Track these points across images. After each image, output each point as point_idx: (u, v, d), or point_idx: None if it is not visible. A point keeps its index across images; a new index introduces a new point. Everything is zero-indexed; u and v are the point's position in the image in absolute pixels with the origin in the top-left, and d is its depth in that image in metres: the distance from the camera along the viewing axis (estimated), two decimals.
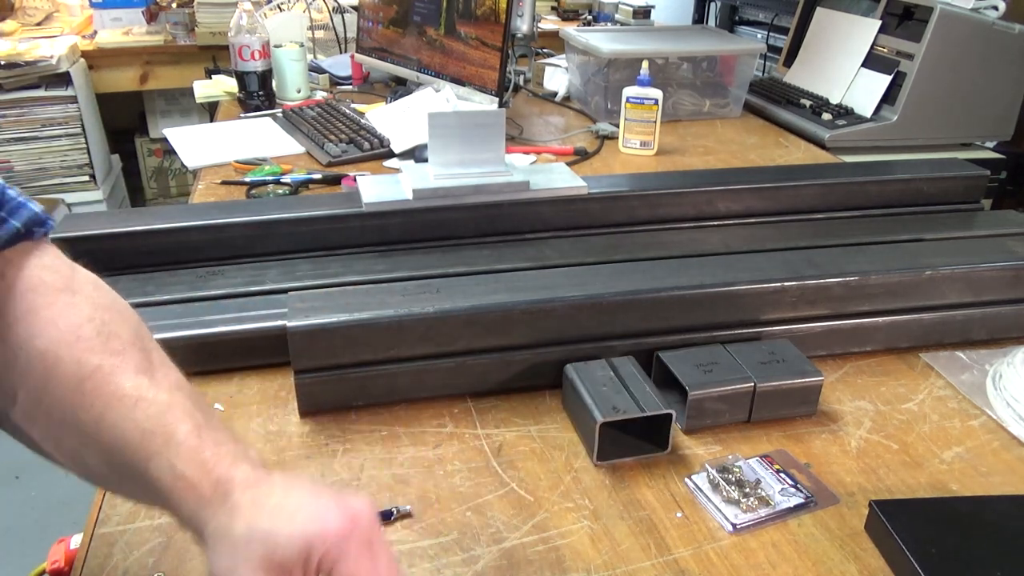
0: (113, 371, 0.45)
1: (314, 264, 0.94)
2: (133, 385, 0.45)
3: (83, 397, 0.44)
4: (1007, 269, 0.90)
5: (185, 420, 0.44)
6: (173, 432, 0.43)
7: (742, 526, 0.64)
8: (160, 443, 0.43)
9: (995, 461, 0.73)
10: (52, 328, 0.46)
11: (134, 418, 0.44)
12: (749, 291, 0.83)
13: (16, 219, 0.47)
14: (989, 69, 1.58)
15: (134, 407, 0.44)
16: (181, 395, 0.46)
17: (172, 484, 0.42)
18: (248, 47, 1.66)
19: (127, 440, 0.43)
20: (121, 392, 0.44)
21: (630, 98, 1.48)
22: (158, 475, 0.43)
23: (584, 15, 2.83)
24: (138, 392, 0.45)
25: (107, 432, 0.44)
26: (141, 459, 0.43)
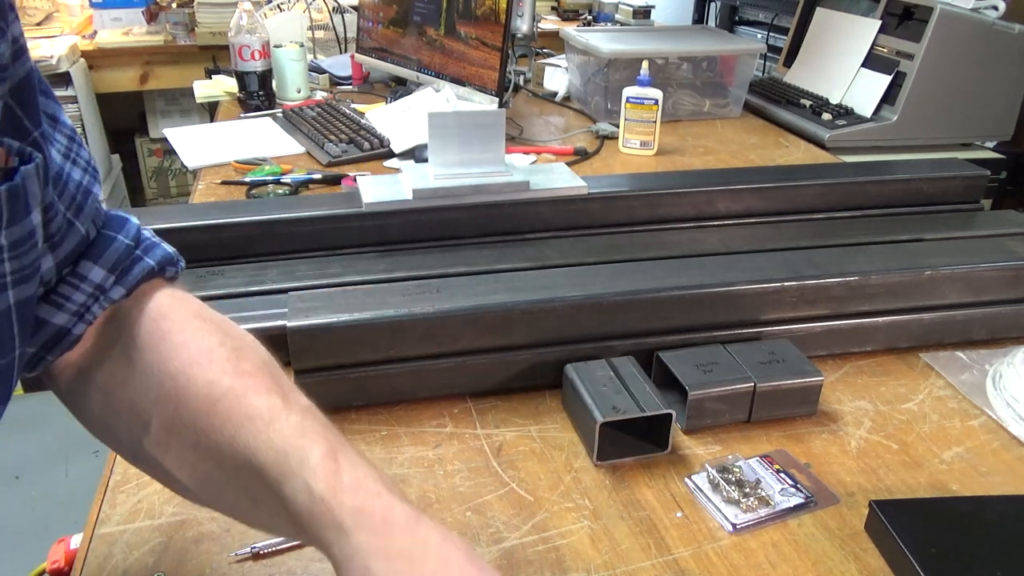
0: (246, 392, 0.44)
1: (314, 264, 0.94)
2: (266, 406, 0.44)
3: (215, 419, 0.44)
4: (1007, 269, 0.90)
5: (320, 442, 0.43)
6: (309, 450, 0.42)
7: (742, 526, 0.64)
8: (296, 464, 0.42)
9: (995, 461, 0.73)
10: (184, 351, 0.46)
11: (268, 438, 0.43)
12: (749, 291, 0.83)
13: (151, 257, 0.49)
14: (989, 69, 1.58)
15: (268, 427, 0.43)
16: (313, 417, 0.45)
17: (309, 507, 0.41)
18: (248, 47, 1.66)
19: (261, 461, 0.42)
20: (254, 412, 0.44)
21: (630, 98, 1.48)
22: (293, 496, 0.41)
23: (584, 15, 2.83)
24: (271, 413, 0.44)
25: (240, 452, 0.43)
26: (275, 479, 0.42)
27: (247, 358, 0.47)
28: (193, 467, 0.45)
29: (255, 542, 0.61)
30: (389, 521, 0.40)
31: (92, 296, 0.47)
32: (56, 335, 0.46)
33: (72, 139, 0.46)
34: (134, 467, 0.50)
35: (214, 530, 0.63)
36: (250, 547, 0.61)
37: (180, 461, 0.46)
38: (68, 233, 0.45)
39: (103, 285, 0.47)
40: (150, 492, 0.67)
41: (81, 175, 0.46)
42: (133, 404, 0.46)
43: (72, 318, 0.46)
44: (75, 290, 0.46)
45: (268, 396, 0.44)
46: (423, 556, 0.40)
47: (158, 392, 0.46)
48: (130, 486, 0.68)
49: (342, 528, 0.40)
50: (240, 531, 0.63)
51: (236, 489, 0.45)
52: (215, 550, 0.61)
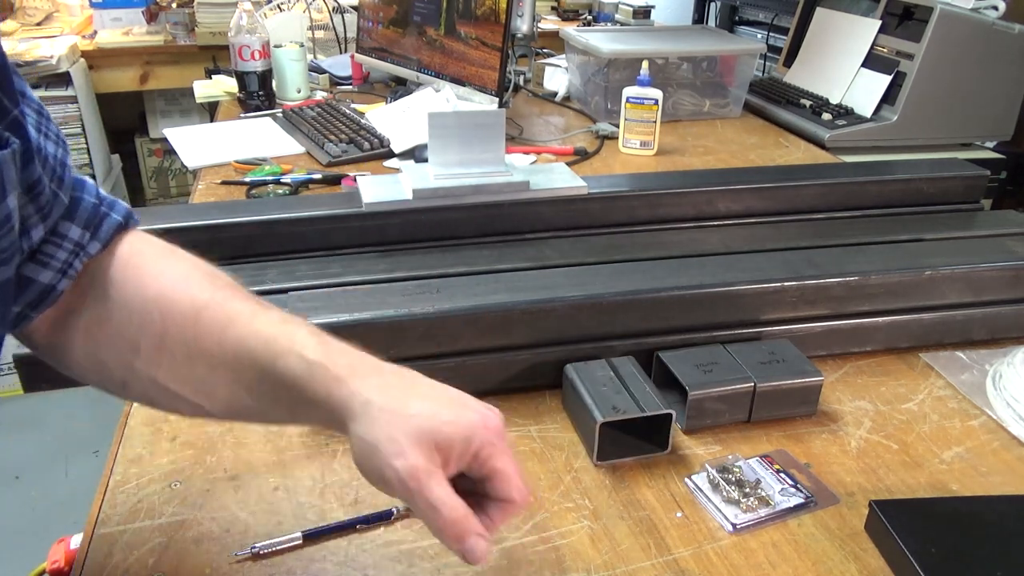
0: (225, 300, 0.50)
1: (314, 264, 0.94)
2: (245, 307, 0.50)
3: (202, 326, 0.49)
4: (1007, 269, 0.90)
5: (302, 325, 0.49)
6: (295, 331, 0.48)
7: (742, 526, 0.64)
8: (286, 342, 0.47)
9: (995, 461, 0.73)
10: (162, 277, 0.51)
11: (254, 328, 0.48)
12: (749, 291, 0.83)
13: (116, 212, 0.53)
14: (989, 69, 1.58)
15: (252, 319, 0.49)
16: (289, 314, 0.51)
17: (307, 371, 0.46)
18: (248, 47, 1.66)
19: (252, 347, 0.48)
20: (236, 311, 0.49)
21: (630, 98, 1.48)
22: (289, 368, 0.47)
23: (584, 15, 2.83)
24: (252, 311, 0.50)
25: (231, 347, 0.48)
26: (270, 360, 0.47)
27: (221, 277, 0.52)
28: (185, 375, 0.50)
29: (255, 542, 0.61)
30: (379, 367, 0.48)
31: (73, 252, 0.50)
32: (42, 292, 0.49)
33: (40, 113, 0.48)
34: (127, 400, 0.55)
35: (214, 530, 0.63)
36: (250, 547, 0.61)
37: (172, 373, 0.50)
38: (55, 204, 0.49)
39: (81, 241, 0.50)
40: (150, 492, 0.67)
41: (55, 148, 0.49)
42: (119, 335, 0.50)
43: (57, 275, 0.49)
44: (58, 248, 0.49)
45: (246, 301, 0.50)
46: (413, 381, 0.48)
47: (143, 317, 0.50)
48: (130, 486, 0.68)
49: (340, 379, 0.46)
50: (240, 531, 0.63)
51: (230, 384, 0.49)
52: (215, 550, 0.61)
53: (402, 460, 0.43)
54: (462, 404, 0.47)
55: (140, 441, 0.73)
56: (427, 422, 0.44)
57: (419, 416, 0.44)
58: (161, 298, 0.50)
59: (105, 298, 0.51)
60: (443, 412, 0.45)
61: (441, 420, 0.45)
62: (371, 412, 0.45)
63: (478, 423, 0.46)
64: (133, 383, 0.51)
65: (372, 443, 0.44)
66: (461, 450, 0.45)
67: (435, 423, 0.44)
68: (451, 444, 0.44)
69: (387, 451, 0.43)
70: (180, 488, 0.68)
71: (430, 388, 0.48)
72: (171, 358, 0.49)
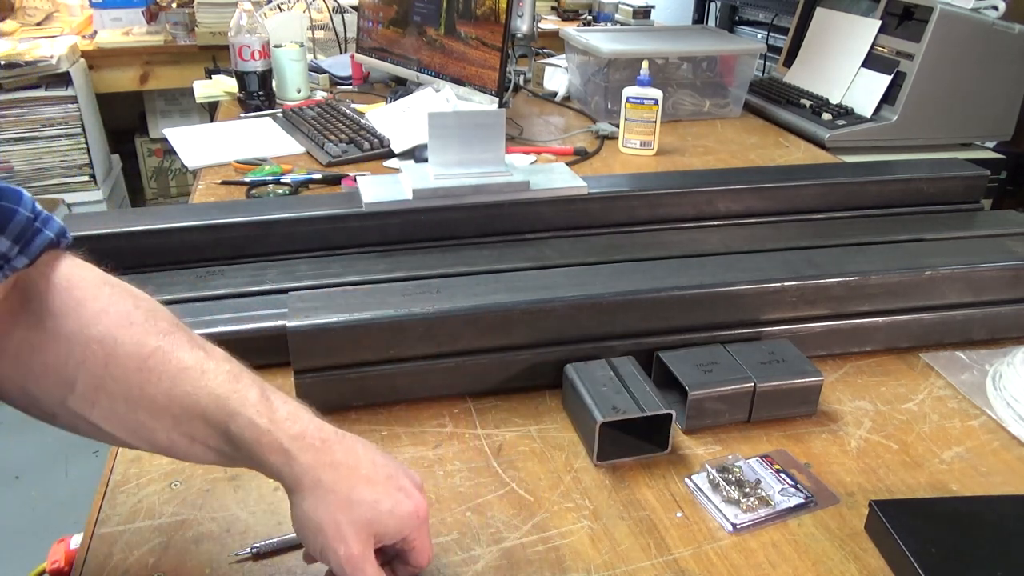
0: (172, 348, 0.50)
1: (314, 264, 0.94)
2: (193, 358, 0.50)
3: (149, 373, 0.49)
4: (1007, 269, 0.90)
5: (253, 386, 0.51)
6: (246, 394, 0.50)
7: (742, 526, 0.64)
8: (236, 405, 0.49)
9: (995, 461, 0.73)
10: (104, 316, 0.50)
11: (205, 385, 0.49)
12: (749, 291, 0.83)
13: (49, 229, 0.51)
14: (989, 69, 1.58)
15: (202, 376, 0.50)
16: (234, 363, 0.52)
17: (256, 439, 0.49)
18: (248, 47, 1.66)
19: (202, 406, 0.49)
20: (185, 365, 0.50)
21: (630, 98, 1.48)
22: (240, 433, 0.49)
23: (584, 15, 2.83)
24: (200, 364, 0.50)
25: (179, 401, 0.49)
26: (220, 421, 0.49)
27: (161, 318, 0.52)
28: (123, 418, 0.50)
29: (255, 542, 0.61)
30: (325, 439, 0.51)
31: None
32: None
33: None
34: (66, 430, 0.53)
35: (214, 530, 0.63)
36: (250, 547, 0.61)
37: (109, 414, 0.50)
38: None
39: (7, 255, 0.49)
40: (150, 492, 0.67)
41: None
42: (54, 368, 0.50)
43: None
44: None
45: (192, 350, 0.51)
46: (356, 459, 0.52)
47: (83, 355, 0.49)
48: (130, 486, 0.68)
49: (288, 452, 0.50)
50: (240, 531, 0.63)
51: (170, 431, 0.50)
52: (215, 550, 0.61)
53: (344, 547, 0.49)
54: (401, 490, 0.52)
55: None
56: (369, 512, 0.50)
57: (362, 505, 0.50)
58: (105, 339, 0.49)
59: (39, 326, 0.50)
60: (384, 502, 0.51)
61: (381, 511, 0.51)
62: (319, 493, 0.50)
63: (412, 514, 0.52)
64: (63, 415, 0.51)
65: (317, 523, 0.50)
66: (393, 535, 0.52)
67: (376, 514, 0.51)
68: (386, 532, 0.51)
69: (331, 535, 0.50)
70: (180, 488, 0.68)
71: (372, 467, 0.52)
72: (110, 400, 0.50)
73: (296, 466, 0.50)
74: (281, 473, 0.50)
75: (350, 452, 0.52)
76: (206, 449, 0.51)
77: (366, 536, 0.50)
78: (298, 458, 0.50)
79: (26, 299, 0.50)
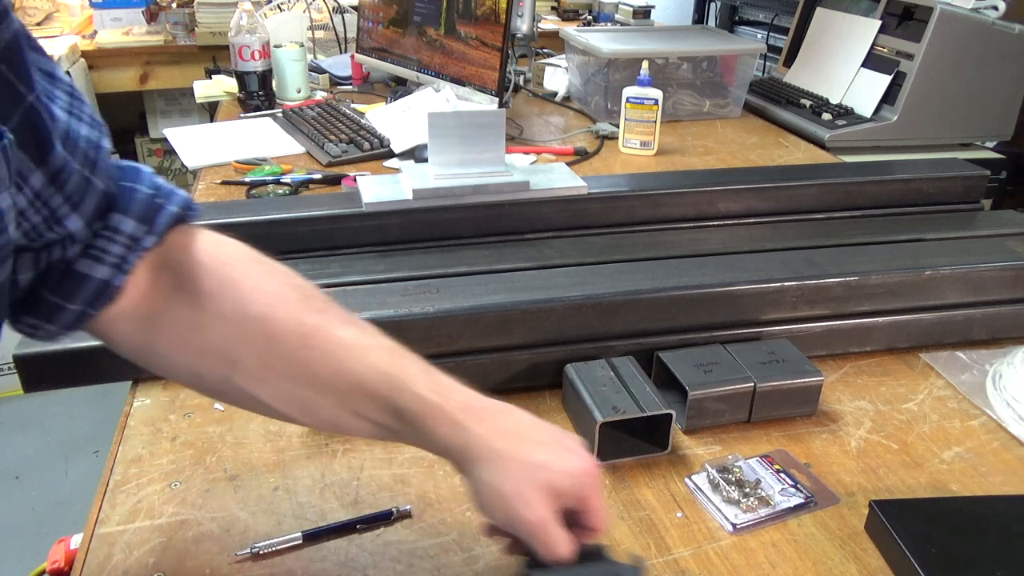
0: (330, 326, 0.51)
1: (314, 264, 0.94)
2: (352, 335, 0.51)
3: (312, 351, 0.50)
4: (1007, 269, 0.90)
5: (413, 360, 0.52)
6: (410, 370, 0.51)
7: (742, 526, 0.64)
8: (402, 379, 0.50)
9: (995, 461, 0.73)
10: (260, 294, 0.51)
11: (370, 363, 0.50)
12: (749, 291, 0.83)
13: (173, 204, 0.51)
14: (989, 69, 1.58)
15: (365, 352, 0.51)
16: (389, 340, 0.53)
17: (426, 412, 0.50)
18: (248, 47, 1.66)
19: (369, 381, 0.50)
20: (347, 343, 0.51)
21: (630, 98, 1.48)
22: (407, 407, 0.50)
23: (584, 15, 2.82)
24: (360, 340, 0.51)
25: (345, 378, 0.50)
26: (387, 396, 0.50)
27: (313, 295, 0.53)
28: (289, 394, 0.51)
29: (255, 542, 0.61)
30: (489, 409, 0.52)
31: (127, 247, 0.49)
32: (98, 289, 0.48)
33: (72, 95, 0.47)
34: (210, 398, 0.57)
35: (214, 530, 0.63)
36: (250, 547, 0.61)
37: (276, 391, 0.51)
38: (88, 190, 0.47)
39: (135, 235, 0.49)
40: (150, 492, 0.67)
41: (88, 130, 0.47)
42: (216, 347, 0.51)
43: (112, 270, 0.48)
44: (111, 243, 0.48)
45: (348, 327, 0.52)
46: (520, 424, 0.52)
47: (244, 334, 0.50)
48: (130, 486, 0.68)
49: (459, 423, 0.50)
50: (240, 531, 0.63)
51: (335, 408, 0.51)
52: (215, 550, 0.61)
53: (530, 511, 0.49)
54: (568, 449, 0.52)
55: (140, 441, 0.73)
56: (547, 474, 0.50)
57: (540, 467, 0.50)
58: (266, 319, 0.50)
59: (198, 307, 0.50)
60: (558, 461, 0.50)
61: (558, 470, 0.50)
62: (496, 461, 0.50)
63: (585, 471, 0.51)
64: (229, 392, 0.52)
65: (500, 491, 0.49)
66: (571, 495, 0.50)
67: (554, 474, 0.50)
68: (565, 491, 0.50)
69: (516, 501, 0.49)
70: (180, 488, 0.68)
71: (538, 431, 0.52)
72: (275, 377, 0.50)
73: (470, 437, 0.50)
74: (452, 446, 0.50)
75: (514, 419, 0.52)
76: (371, 424, 0.51)
77: (548, 498, 0.49)
78: (470, 429, 0.50)
79: (177, 279, 0.51)
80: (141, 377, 0.81)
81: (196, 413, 0.77)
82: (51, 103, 0.44)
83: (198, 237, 0.53)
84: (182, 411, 0.77)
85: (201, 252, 0.52)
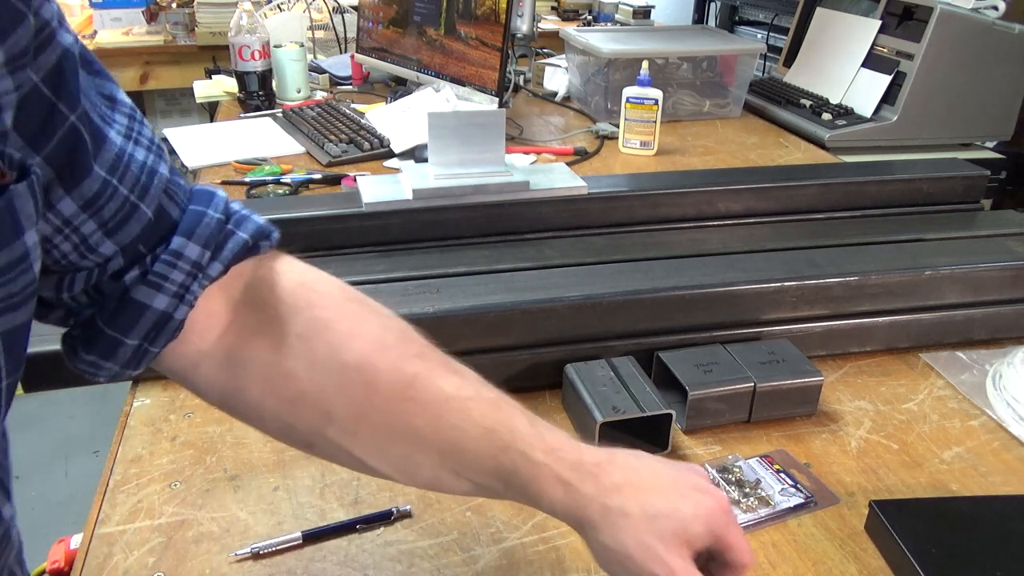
0: (431, 375, 0.47)
1: (314, 264, 0.94)
2: (454, 386, 0.47)
3: (412, 404, 0.46)
4: (1007, 269, 0.90)
5: (517, 414, 0.47)
6: (514, 426, 0.46)
7: (742, 526, 0.64)
8: (507, 437, 0.46)
9: (995, 461, 0.73)
10: (358, 341, 0.47)
11: (472, 418, 0.46)
12: (749, 291, 0.83)
13: (244, 231, 0.48)
14: (989, 69, 1.58)
15: (467, 406, 0.47)
16: (489, 387, 0.49)
17: (533, 474, 0.46)
18: (248, 47, 1.66)
19: (470, 438, 0.46)
20: (447, 395, 0.47)
21: (630, 98, 1.48)
22: (513, 467, 0.46)
23: (584, 15, 2.82)
24: (462, 392, 0.47)
25: (445, 435, 0.46)
26: (490, 456, 0.46)
27: (411, 339, 0.49)
28: (385, 450, 0.47)
29: (255, 542, 0.61)
30: (598, 463, 0.47)
31: (190, 275, 0.45)
32: (158, 322, 0.44)
33: (132, 117, 0.44)
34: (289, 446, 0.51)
35: (214, 530, 0.63)
36: (250, 547, 0.61)
37: (371, 446, 0.47)
38: (132, 216, 0.43)
39: (199, 262, 0.45)
40: (150, 492, 0.67)
41: (145, 155, 0.44)
42: (310, 397, 0.47)
43: (173, 300, 0.44)
44: (172, 268, 0.44)
45: (449, 376, 0.48)
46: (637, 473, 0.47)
47: (341, 384, 0.46)
48: (130, 486, 0.68)
49: (569, 484, 0.46)
50: (240, 531, 0.63)
51: (435, 467, 0.47)
52: (215, 550, 0.61)
53: (661, 567, 0.44)
54: (695, 488, 0.48)
55: (140, 441, 0.73)
56: (672, 523, 0.45)
57: (663, 517, 0.45)
58: (363, 366, 0.46)
59: (287, 351, 0.46)
60: (683, 506, 0.46)
61: (685, 516, 0.46)
62: (612, 520, 0.46)
63: (716, 510, 0.47)
64: (321, 445, 0.48)
65: (622, 552, 0.45)
66: (705, 538, 0.46)
67: (680, 522, 0.45)
68: (697, 535, 0.46)
69: (641, 558, 0.45)
70: (180, 488, 0.68)
71: (655, 476, 0.48)
72: (371, 431, 0.47)
73: (580, 498, 0.46)
74: (561, 507, 0.46)
75: (627, 469, 0.48)
76: (473, 485, 0.47)
77: (679, 548, 0.45)
78: (580, 489, 0.46)
79: (261, 317, 0.47)
80: (141, 377, 0.81)
81: (196, 413, 0.77)
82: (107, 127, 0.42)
83: (282, 271, 0.49)
84: (182, 411, 0.77)
85: (286, 289, 0.48)
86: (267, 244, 0.49)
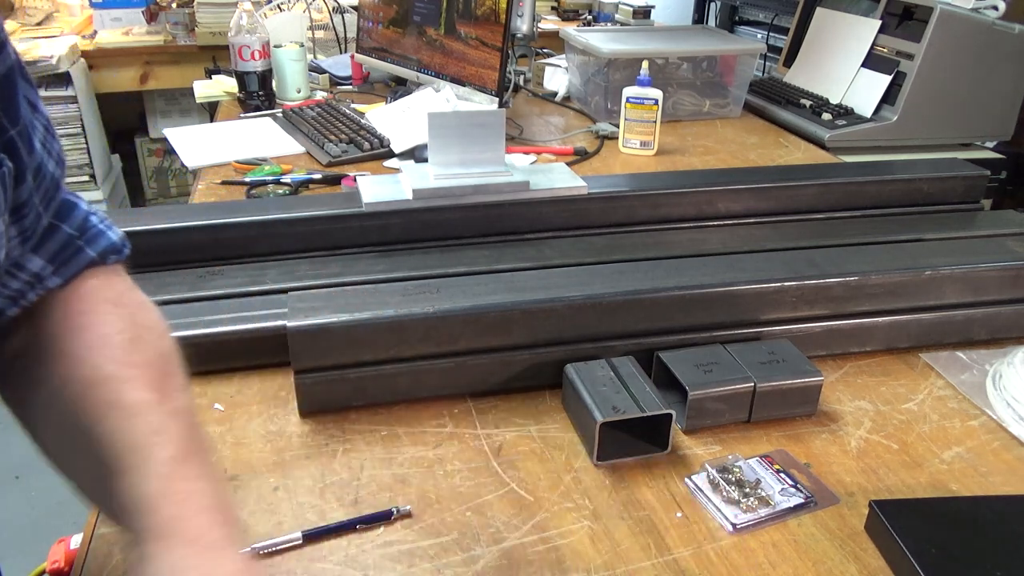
0: (124, 381, 0.45)
1: (314, 264, 0.94)
2: (137, 399, 0.45)
3: (86, 402, 0.44)
4: (1007, 269, 0.90)
5: (168, 445, 0.43)
6: (153, 453, 0.43)
7: (742, 526, 0.64)
8: (139, 460, 0.43)
9: (995, 461, 0.73)
10: (83, 333, 0.47)
11: (125, 430, 0.43)
12: (749, 291, 0.83)
13: (94, 248, 0.48)
14: (989, 69, 1.58)
15: (128, 419, 0.44)
16: (180, 419, 0.45)
17: (135, 504, 0.42)
18: (248, 47, 1.66)
19: (115, 450, 0.43)
20: (122, 403, 0.44)
21: (630, 98, 1.48)
22: (127, 491, 0.42)
23: (584, 15, 2.82)
24: (138, 407, 0.44)
25: (97, 438, 0.44)
26: (116, 471, 0.43)
27: (141, 350, 0.47)
28: (59, 441, 0.47)
29: (255, 542, 0.61)
30: (195, 540, 0.41)
31: (28, 284, 0.46)
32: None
33: (47, 129, 0.46)
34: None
35: None
36: (250, 547, 0.61)
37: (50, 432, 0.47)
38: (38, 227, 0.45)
39: (40, 274, 0.47)
40: None
41: (54, 167, 0.45)
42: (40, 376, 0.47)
43: (5, 300, 0.46)
44: (12, 279, 0.46)
45: (143, 391, 0.45)
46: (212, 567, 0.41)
47: (53, 368, 0.46)
48: None
49: (151, 531, 0.41)
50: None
51: (86, 472, 0.46)
52: None
53: None
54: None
55: None
56: None
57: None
58: (71, 356, 0.46)
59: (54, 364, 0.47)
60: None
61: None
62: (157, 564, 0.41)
63: None
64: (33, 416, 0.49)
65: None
66: None
67: None
68: None
69: None
70: None
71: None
72: (58, 417, 0.46)
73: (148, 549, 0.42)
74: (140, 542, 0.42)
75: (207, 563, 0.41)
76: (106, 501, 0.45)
77: None
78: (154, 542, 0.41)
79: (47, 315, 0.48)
80: None
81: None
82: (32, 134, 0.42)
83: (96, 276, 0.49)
84: None
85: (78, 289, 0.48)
86: (115, 258, 0.50)
